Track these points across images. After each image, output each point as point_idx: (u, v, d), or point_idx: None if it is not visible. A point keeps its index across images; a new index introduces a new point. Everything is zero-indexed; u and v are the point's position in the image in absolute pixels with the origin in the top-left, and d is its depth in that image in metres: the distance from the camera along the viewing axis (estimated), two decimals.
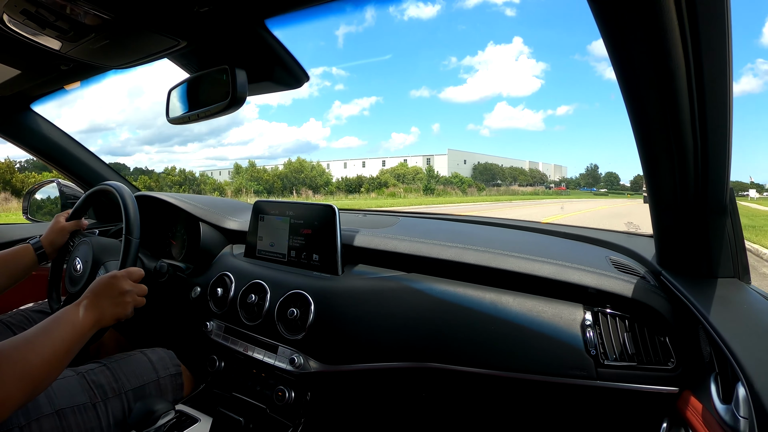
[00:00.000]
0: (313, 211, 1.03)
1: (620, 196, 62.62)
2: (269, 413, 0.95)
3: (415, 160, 54.59)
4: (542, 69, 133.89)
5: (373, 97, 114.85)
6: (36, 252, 1.02)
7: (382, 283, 0.94)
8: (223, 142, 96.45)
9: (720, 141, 0.59)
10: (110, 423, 0.84)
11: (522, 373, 0.78)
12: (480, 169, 58.70)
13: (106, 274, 0.83)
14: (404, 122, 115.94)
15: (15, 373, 0.60)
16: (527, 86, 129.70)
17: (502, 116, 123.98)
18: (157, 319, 1.31)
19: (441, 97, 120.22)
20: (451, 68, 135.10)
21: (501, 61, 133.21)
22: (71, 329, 0.70)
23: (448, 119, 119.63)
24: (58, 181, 1.52)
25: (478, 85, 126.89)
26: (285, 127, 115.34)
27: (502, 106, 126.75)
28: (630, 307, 0.78)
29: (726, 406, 0.54)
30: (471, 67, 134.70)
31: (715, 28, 0.48)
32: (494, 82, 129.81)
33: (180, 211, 1.30)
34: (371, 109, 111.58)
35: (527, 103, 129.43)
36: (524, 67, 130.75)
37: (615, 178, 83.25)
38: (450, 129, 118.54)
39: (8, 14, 0.70)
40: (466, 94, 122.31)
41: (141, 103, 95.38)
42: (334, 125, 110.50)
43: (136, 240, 0.94)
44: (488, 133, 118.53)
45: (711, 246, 0.72)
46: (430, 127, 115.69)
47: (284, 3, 0.70)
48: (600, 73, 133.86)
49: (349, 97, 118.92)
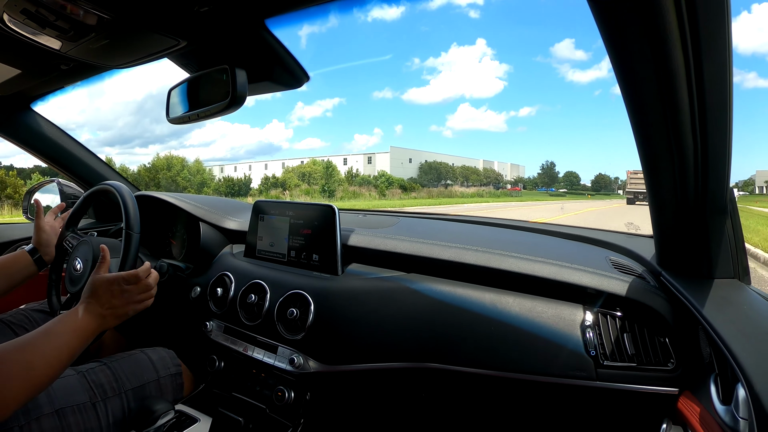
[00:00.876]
0: (313, 212, 1.03)
1: (580, 197, 60.35)
2: (269, 413, 0.95)
3: (356, 158, 52.39)
4: (505, 70, 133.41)
5: (336, 99, 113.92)
6: (33, 257, 1.02)
7: (381, 283, 0.94)
8: (185, 143, 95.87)
9: (720, 141, 0.59)
10: (110, 422, 0.84)
11: (521, 374, 0.78)
12: (425, 169, 55.16)
13: (104, 277, 0.82)
14: (367, 124, 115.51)
15: (17, 374, 0.60)
16: (490, 88, 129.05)
17: (465, 117, 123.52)
18: (156, 319, 1.31)
19: (404, 99, 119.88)
20: (414, 69, 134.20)
21: (464, 63, 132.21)
22: (74, 332, 0.71)
23: (411, 121, 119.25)
24: (58, 181, 1.52)
25: (442, 87, 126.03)
26: (247, 129, 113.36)
27: (465, 107, 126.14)
28: (630, 308, 0.77)
29: (726, 407, 0.54)
30: (434, 68, 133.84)
31: (716, 28, 0.48)
32: (457, 83, 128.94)
33: (180, 210, 1.30)
34: (334, 111, 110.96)
35: (490, 104, 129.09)
36: (487, 68, 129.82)
37: (575, 177, 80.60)
38: (413, 130, 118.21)
39: (8, 14, 0.70)
40: (429, 95, 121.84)
41: (102, 104, 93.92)
42: (297, 126, 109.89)
43: (136, 235, 0.94)
44: (451, 134, 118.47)
45: (711, 246, 0.72)
46: (393, 128, 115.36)
47: (284, 3, 0.70)
48: (562, 75, 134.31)
49: (312, 98, 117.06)
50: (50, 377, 0.66)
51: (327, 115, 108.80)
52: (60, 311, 1.01)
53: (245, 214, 1.27)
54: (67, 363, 0.69)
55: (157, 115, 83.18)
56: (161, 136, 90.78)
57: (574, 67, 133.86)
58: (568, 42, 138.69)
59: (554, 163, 78.95)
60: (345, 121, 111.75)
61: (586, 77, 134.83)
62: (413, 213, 1.52)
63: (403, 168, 52.69)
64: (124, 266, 0.91)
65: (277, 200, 1.13)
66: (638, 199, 27.10)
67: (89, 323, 0.73)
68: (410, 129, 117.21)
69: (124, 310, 0.79)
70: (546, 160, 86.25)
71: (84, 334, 0.72)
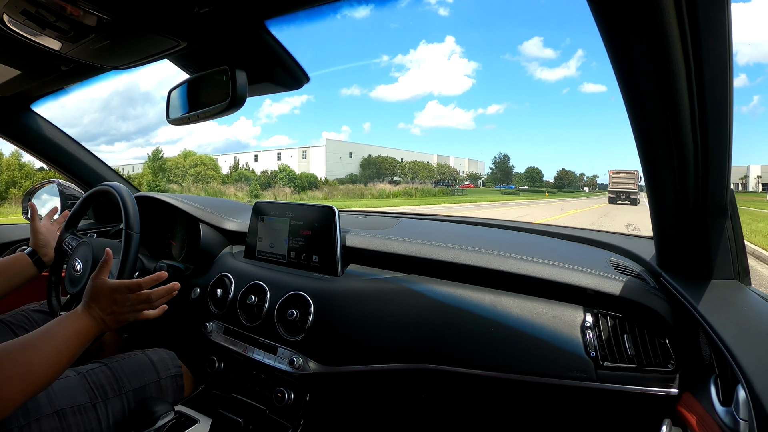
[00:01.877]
0: (313, 213, 1.03)
1: (537, 195, 53.22)
2: (268, 414, 0.95)
3: (290, 153, 46.27)
4: (474, 68, 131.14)
5: (305, 96, 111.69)
6: (32, 259, 1.02)
7: (381, 284, 0.94)
8: (152, 141, 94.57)
9: (720, 143, 0.59)
10: (110, 423, 0.84)
11: (521, 375, 0.78)
12: (362, 164, 48.37)
13: (112, 283, 0.79)
14: (335, 121, 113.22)
15: (16, 375, 0.60)
16: (459, 85, 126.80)
17: (433, 115, 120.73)
18: (156, 320, 1.31)
19: (372, 96, 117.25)
20: (382, 66, 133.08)
21: (433, 60, 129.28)
22: (74, 334, 0.71)
23: (379, 118, 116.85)
24: (58, 182, 1.52)
25: (410, 84, 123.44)
26: (215, 126, 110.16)
27: (433, 104, 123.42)
28: (630, 309, 0.77)
29: (726, 408, 0.54)
30: (403, 65, 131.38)
31: (716, 29, 0.48)
32: (426, 81, 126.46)
33: (180, 212, 1.30)
34: (302, 108, 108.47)
35: (458, 102, 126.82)
36: (456, 66, 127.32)
37: (537, 173, 75.02)
38: (381, 128, 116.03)
39: (8, 14, 0.70)
40: (397, 92, 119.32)
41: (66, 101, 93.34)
42: (265, 124, 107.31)
43: (136, 235, 0.93)
44: (419, 132, 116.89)
45: (711, 248, 0.72)
46: (361, 126, 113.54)
47: (284, 4, 0.70)
48: (530, 73, 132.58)
49: (280, 95, 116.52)
50: (49, 378, 0.66)
51: (295, 113, 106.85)
52: (60, 312, 1.01)
53: (245, 215, 1.27)
54: (66, 364, 0.69)
55: (123, 112, 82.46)
56: (127, 133, 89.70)
57: (542, 65, 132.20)
58: (537, 40, 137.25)
59: (508, 156, 70.31)
60: (313, 119, 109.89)
61: (554, 75, 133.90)
62: (413, 214, 1.52)
63: (342, 163, 46.74)
64: (124, 266, 0.91)
65: (277, 201, 1.13)
66: (620, 198, 26.91)
67: (89, 326, 0.73)
68: (378, 126, 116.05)
69: (124, 317, 0.79)
70: (498, 153, 79.83)
71: (84, 337, 0.72)
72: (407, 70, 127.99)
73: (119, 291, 0.77)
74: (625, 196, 27.12)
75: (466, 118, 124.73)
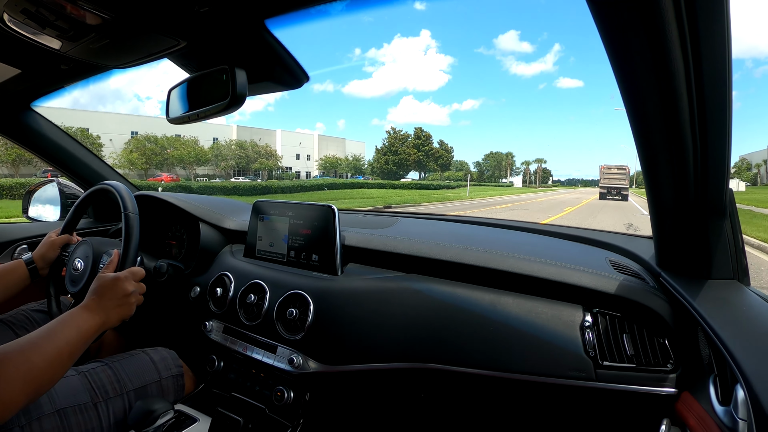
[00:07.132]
0: (313, 212, 1.03)
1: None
2: (268, 413, 0.95)
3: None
4: (449, 63, 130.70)
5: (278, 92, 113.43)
6: (28, 267, 1.02)
7: (381, 283, 0.94)
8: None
9: (719, 143, 0.59)
10: (111, 423, 0.84)
11: (521, 374, 0.78)
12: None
13: (109, 276, 0.82)
14: (309, 118, 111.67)
15: (19, 375, 0.60)
16: (434, 81, 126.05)
17: (407, 111, 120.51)
18: (156, 319, 1.31)
19: (345, 92, 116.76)
20: (355, 61, 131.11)
21: (409, 55, 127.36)
22: (76, 332, 0.71)
23: (353, 114, 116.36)
24: (58, 181, 1.52)
25: (384, 80, 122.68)
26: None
27: (408, 100, 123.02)
28: (629, 309, 0.77)
29: (725, 407, 0.54)
30: (376, 60, 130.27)
31: (715, 29, 0.48)
32: (401, 76, 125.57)
33: (179, 210, 1.30)
34: (276, 105, 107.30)
35: (434, 97, 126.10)
36: (432, 61, 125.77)
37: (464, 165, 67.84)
38: (355, 124, 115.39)
39: (8, 13, 0.70)
40: (371, 88, 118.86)
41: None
42: (238, 121, 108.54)
43: (136, 216, 0.94)
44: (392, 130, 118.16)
45: (710, 247, 0.72)
46: (335, 123, 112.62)
47: (284, 3, 0.70)
48: (506, 69, 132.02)
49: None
50: (52, 378, 0.66)
51: (269, 110, 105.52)
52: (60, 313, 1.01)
53: (245, 214, 1.27)
54: (69, 363, 0.69)
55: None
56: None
57: (519, 59, 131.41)
58: (513, 33, 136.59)
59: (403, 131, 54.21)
60: (287, 115, 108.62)
61: (530, 70, 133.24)
62: (413, 213, 1.52)
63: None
64: (127, 251, 0.91)
65: (276, 200, 1.13)
66: (611, 194, 26.08)
67: (91, 323, 0.73)
68: (352, 123, 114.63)
69: (131, 308, 0.82)
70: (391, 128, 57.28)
71: (86, 333, 0.72)
72: (381, 65, 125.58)
73: (126, 279, 0.81)
74: (616, 191, 26.22)
75: (441, 115, 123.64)
